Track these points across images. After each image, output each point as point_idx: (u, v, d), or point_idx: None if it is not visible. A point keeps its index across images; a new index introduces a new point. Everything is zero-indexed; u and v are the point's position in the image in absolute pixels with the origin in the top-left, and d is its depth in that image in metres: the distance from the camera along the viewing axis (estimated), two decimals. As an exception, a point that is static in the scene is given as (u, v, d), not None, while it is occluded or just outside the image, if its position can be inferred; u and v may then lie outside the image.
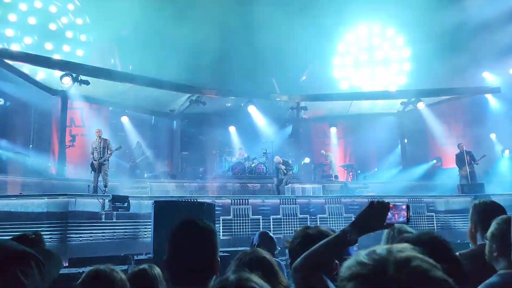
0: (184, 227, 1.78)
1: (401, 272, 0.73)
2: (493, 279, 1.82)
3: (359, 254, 0.81)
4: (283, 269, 3.12)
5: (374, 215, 1.53)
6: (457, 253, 2.44)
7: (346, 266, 0.81)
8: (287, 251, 2.04)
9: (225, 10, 20.19)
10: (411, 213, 1.57)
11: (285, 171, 13.65)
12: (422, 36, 18.87)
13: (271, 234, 4.28)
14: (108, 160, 11.75)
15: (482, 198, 2.74)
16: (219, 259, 1.79)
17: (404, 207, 1.55)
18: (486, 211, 2.43)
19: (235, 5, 20.50)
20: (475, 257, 2.29)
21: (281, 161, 13.86)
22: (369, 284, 0.75)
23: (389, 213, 1.52)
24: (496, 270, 1.88)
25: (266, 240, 4.05)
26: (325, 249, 1.53)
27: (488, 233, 1.99)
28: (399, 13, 19.19)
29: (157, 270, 2.43)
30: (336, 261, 1.66)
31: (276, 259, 3.87)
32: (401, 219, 1.54)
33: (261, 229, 10.63)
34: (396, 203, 1.55)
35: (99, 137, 11.63)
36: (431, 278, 0.73)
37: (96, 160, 11.40)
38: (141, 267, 2.46)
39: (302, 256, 1.57)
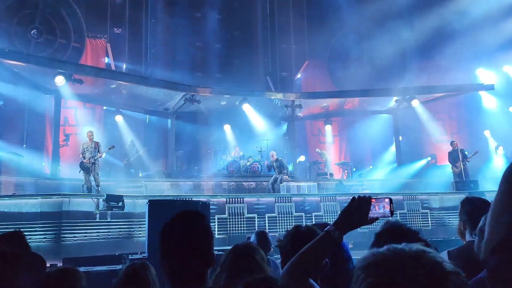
0: (177, 218, 1.76)
1: (418, 262, 0.75)
2: (481, 275, 1.82)
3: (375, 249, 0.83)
4: (278, 268, 3.13)
5: (356, 211, 1.52)
6: (445, 251, 2.46)
7: (362, 258, 0.82)
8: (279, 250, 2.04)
9: (225, 5, 20.14)
10: (406, 210, 1.58)
11: (277, 169, 13.58)
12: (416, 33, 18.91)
13: (267, 234, 4.32)
14: (98, 160, 11.75)
15: (470, 196, 2.77)
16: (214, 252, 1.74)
17: (386, 200, 1.54)
18: (474, 208, 2.45)
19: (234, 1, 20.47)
20: (464, 255, 2.29)
21: (274, 158, 13.70)
22: (385, 273, 0.75)
23: (372, 208, 1.51)
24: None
25: (262, 239, 4.12)
26: (312, 251, 1.52)
27: (477, 229, 2.00)
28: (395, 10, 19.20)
29: (150, 268, 2.42)
30: (326, 260, 1.65)
31: (271, 258, 3.87)
32: (384, 213, 1.53)
33: (256, 228, 10.65)
34: (378, 197, 1.54)
35: (91, 140, 11.65)
36: (443, 268, 0.76)
37: (87, 159, 11.35)
38: (133, 263, 2.44)
39: (290, 261, 1.55)
